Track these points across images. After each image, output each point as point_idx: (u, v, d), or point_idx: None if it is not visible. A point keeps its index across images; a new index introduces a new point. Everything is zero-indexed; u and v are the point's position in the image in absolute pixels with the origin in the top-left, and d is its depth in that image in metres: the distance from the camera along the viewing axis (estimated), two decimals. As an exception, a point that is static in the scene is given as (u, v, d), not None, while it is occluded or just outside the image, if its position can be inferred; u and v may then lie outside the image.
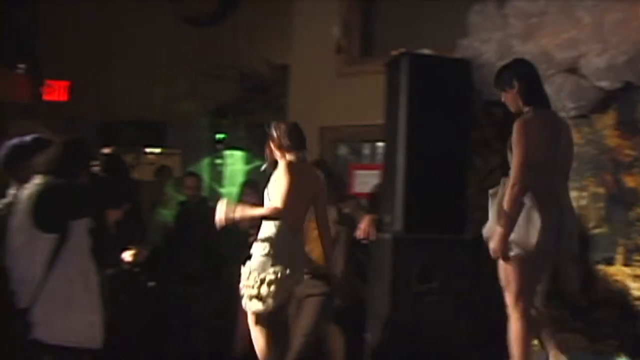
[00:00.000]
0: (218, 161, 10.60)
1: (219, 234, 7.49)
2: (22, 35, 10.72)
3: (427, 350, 4.77)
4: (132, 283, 5.83)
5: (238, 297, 7.46)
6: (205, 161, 10.69)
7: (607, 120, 5.13)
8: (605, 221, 5.11)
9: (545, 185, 4.40)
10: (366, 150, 7.97)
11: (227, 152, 10.45)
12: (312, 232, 6.36)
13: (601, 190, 5.14)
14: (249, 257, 4.82)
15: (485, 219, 4.49)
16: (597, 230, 5.12)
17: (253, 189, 7.59)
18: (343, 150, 8.11)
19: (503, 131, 4.74)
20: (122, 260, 5.87)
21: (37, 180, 3.80)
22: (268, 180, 4.87)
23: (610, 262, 5.03)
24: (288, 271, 4.74)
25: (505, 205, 4.30)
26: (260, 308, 4.77)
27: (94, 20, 10.89)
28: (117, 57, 11.13)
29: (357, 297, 6.31)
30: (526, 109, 4.55)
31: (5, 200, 4.12)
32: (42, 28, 10.85)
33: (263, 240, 4.79)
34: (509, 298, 4.41)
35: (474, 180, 5.47)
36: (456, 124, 5.17)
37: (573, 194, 4.79)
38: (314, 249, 6.35)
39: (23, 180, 3.96)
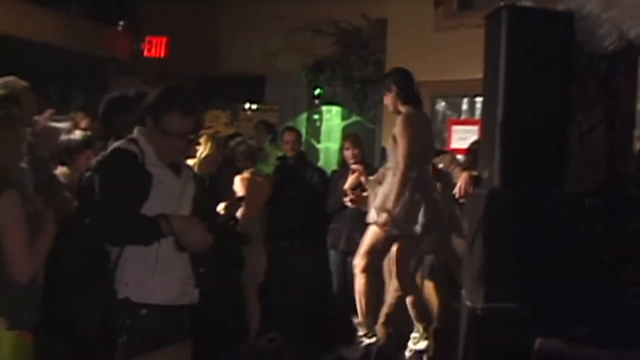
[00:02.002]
0: (315, 116, 10.67)
1: (319, 189, 7.60)
2: (122, -8, 10.97)
3: (523, 309, 4.75)
4: (228, 235, 5.93)
5: (335, 254, 7.63)
6: (303, 116, 10.77)
7: None
8: None
9: (422, 172, 5.62)
10: (464, 105, 7.91)
11: (325, 108, 10.50)
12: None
13: None
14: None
15: (587, 175, 4.44)
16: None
17: (353, 143, 7.65)
18: (441, 105, 8.07)
19: (606, 85, 4.65)
20: (217, 213, 6.02)
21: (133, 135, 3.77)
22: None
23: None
24: None
25: (395, 191, 5.56)
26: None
27: (192, -24, 11.04)
28: (215, 13, 11.27)
29: (453, 254, 6.33)
30: (404, 108, 5.78)
31: (100, 158, 4.18)
32: (141, -15, 11.07)
33: None
34: (359, 255, 5.76)
35: (576, 135, 5.37)
36: (557, 78, 5.07)
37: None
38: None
39: (121, 136, 3.89)
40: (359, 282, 5.92)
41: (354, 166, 7.28)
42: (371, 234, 5.84)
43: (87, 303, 3.62)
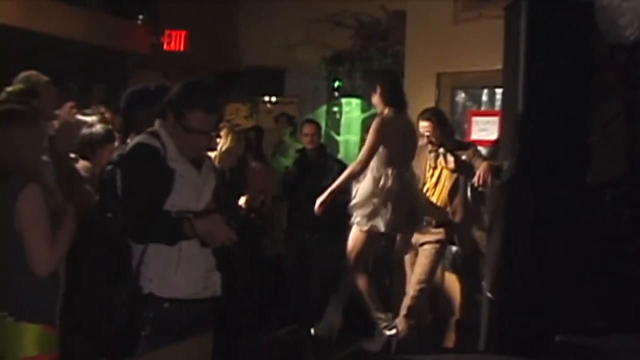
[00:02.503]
0: (335, 109, 10.67)
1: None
2: (141, -14, 11.00)
3: (544, 300, 4.74)
4: (248, 229, 5.98)
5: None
6: (322, 109, 10.77)
7: None
8: None
9: (398, 174, 5.74)
10: (484, 96, 7.89)
11: (344, 100, 10.50)
12: (431, 180, 6.40)
13: None
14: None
15: (607, 166, 4.43)
16: None
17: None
18: (461, 96, 8.05)
19: (627, 75, 4.64)
20: (239, 206, 6.05)
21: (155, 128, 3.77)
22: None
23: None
24: None
25: (345, 173, 5.89)
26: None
27: (211, -32, 11.06)
28: (235, 6, 11.29)
29: (475, 246, 6.34)
30: (385, 109, 5.93)
31: (121, 152, 4.19)
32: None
33: None
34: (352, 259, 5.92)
35: (597, 126, 5.35)
36: (577, 68, 5.06)
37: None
38: (432, 197, 6.40)
39: (142, 129, 3.89)
40: (358, 282, 6.01)
41: None
42: (351, 233, 6.01)
43: (112, 298, 3.65)
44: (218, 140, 6.12)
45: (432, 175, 6.42)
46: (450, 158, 6.21)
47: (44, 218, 3.56)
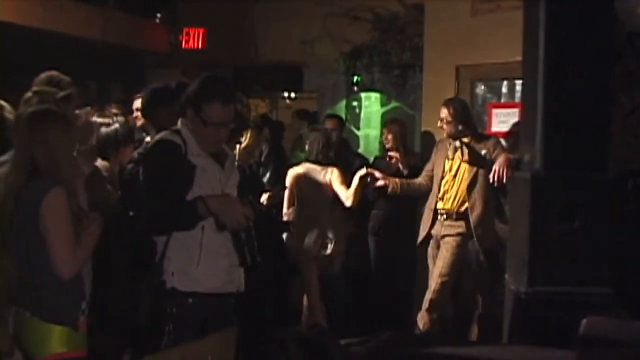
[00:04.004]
0: (354, 104, 10.68)
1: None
2: (159, -16, 11.05)
3: (568, 292, 4.75)
4: (269, 226, 6.02)
5: (377, 241, 7.66)
6: (342, 104, 10.78)
7: None
8: None
9: None
10: (505, 88, 7.88)
11: (364, 94, 10.50)
12: (450, 172, 6.41)
13: None
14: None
15: (630, 156, 4.44)
16: None
17: (390, 129, 7.68)
18: (481, 89, 8.05)
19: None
20: (260, 203, 6.06)
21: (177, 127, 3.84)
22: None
23: None
24: None
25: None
26: None
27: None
28: (252, 2, 11.31)
29: (496, 240, 6.33)
30: None
31: (142, 150, 4.24)
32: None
33: None
34: None
35: (618, 116, 5.35)
36: (599, 58, 5.05)
37: None
38: (450, 190, 6.41)
39: (163, 127, 3.98)
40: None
41: (391, 153, 7.31)
42: None
43: (137, 294, 3.69)
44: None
45: (450, 168, 6.44)
46: (465, 150, 6.23)
47: (68, 223, 3.57)
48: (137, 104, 5.96)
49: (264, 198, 6.01)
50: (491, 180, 5.60)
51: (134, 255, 3.81)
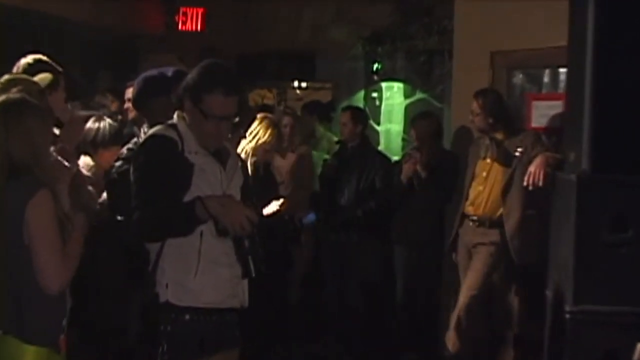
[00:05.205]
0: (374, 95, 10.67)
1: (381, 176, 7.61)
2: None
3: (619, 311, 4.71)
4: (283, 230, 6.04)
5: (401, 249, 7.64)
6: (360, 95, 10.77)
7: None
8: None
9: None
10: (546, 77, 7.83)
11: (384, 84, 10.49)
12: (481, 173, 6.38)
13: None
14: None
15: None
16: None
17: (414, 124, 7.67)
18: (519, 78, 8.00)
19: None
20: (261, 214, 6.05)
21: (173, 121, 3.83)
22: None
23: None
24: None
25: None
26: None
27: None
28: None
29: (535, 250, 6.28)
30: None
31: (132, 145, 4.21)
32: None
33: None
34: None
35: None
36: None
37: None
38: (481, 194, 6.37)
39: (157, 120, 3.98)
40: None
41: (410, 151, 7.30)
42: None
43: (126, 309, 3.68)
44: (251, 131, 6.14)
45: (482, 169, 6.40)
46: (495, 148, 6.20)
47: (55, 230, 3.53)
48: (129, 93, 5.94)
49: (277, 203, 5.97)
50: (525, 183, 5.56)
51: (122, 265, 3.79)
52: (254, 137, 6.10)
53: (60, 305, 3.65)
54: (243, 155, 6.00)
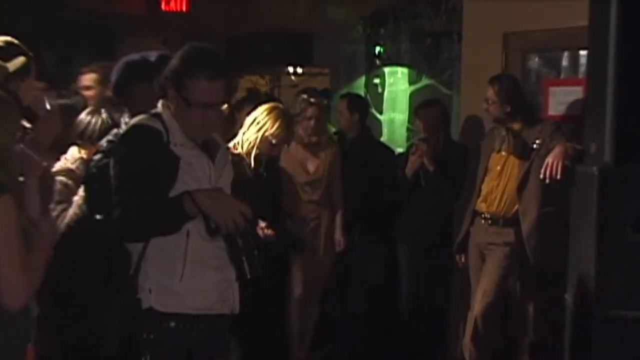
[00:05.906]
0: (376, 81, 10.66)
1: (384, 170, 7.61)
2: None
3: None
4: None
5: (406, 249, 7.64)
6: (361, 81, 10.76)
7: None
8: None
9: None
10: (565, 61, 7.83)
11: (387, 69, 10.48)
12: (495, 167, 6.37)
13: None
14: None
15: None
16: None
17: (418, 113, 7.67)
18: (535, 61, 7.99)
19: None
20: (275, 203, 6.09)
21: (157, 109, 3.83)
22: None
23: None
24: None
25: None
26: None
27: None
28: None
29: (553, 251, 6.27)
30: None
31: (111, 137, 4.21)
32: None
33: None
34: None
35: None
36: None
37: None
38: (495, 189, 6.36)
39: (139, 110, 3.97)
40: None
41: (416, 142, 7.29)
42: None
43: (105, 316, 3.67)
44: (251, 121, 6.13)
45: (497, 162, 6.40)
46: (512, 140, 6.20)
47: (17, 241, 3.39)
48: (86, 80, 5.95)
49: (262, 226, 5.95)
50: (541, 176, 5.56)
51: (100, 269, 3.78)
52: (260, 128, 6.08)
53: (24, 317, 3.57)
54: (246, 146, 5.99)
